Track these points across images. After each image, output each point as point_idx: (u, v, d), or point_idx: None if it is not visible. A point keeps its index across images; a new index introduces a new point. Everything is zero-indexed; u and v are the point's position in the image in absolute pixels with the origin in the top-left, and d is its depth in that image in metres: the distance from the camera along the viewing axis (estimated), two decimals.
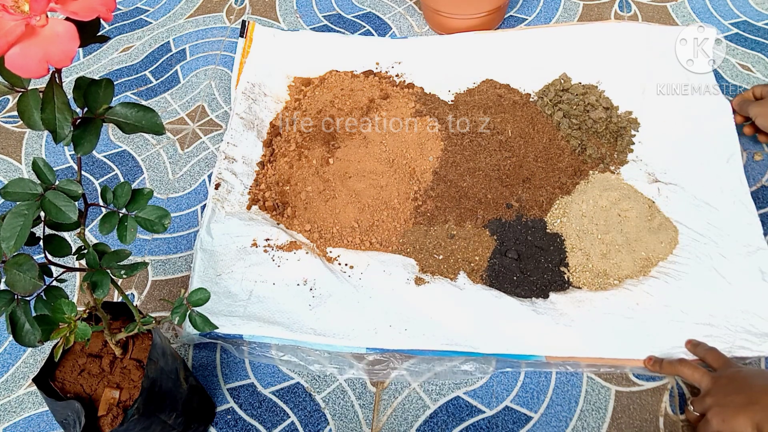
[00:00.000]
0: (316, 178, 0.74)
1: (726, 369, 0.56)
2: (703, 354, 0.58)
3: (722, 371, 0.56)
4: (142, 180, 0.82)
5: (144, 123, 0.37)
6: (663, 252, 0.67)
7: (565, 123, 0.77)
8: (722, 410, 0.52)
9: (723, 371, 0.55)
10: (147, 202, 0.42)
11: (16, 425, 0.62)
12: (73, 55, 0.30)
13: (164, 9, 1.04)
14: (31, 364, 0.67)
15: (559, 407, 0.60)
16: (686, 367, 0.57)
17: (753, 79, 0.85)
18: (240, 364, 0.65)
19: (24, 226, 0.34)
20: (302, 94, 0.85)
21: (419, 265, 0.68)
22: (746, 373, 0.54)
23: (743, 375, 0.54)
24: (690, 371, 0.57)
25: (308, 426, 0.61)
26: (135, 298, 0.71)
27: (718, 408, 0.52)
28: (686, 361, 0.58)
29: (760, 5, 0.95)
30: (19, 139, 0.88)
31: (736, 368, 0.56)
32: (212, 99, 0.90)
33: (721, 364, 0.56)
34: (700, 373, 0.56)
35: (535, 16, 0.98)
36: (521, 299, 0.64)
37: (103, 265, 0.42)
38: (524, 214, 0.71)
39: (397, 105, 0.80)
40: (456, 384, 0.62)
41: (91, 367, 0.50)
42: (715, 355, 0.57)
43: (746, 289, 0.63)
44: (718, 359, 0.57)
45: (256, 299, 0.65)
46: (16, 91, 0.33)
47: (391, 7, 1.01)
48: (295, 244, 0.68)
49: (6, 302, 0.38)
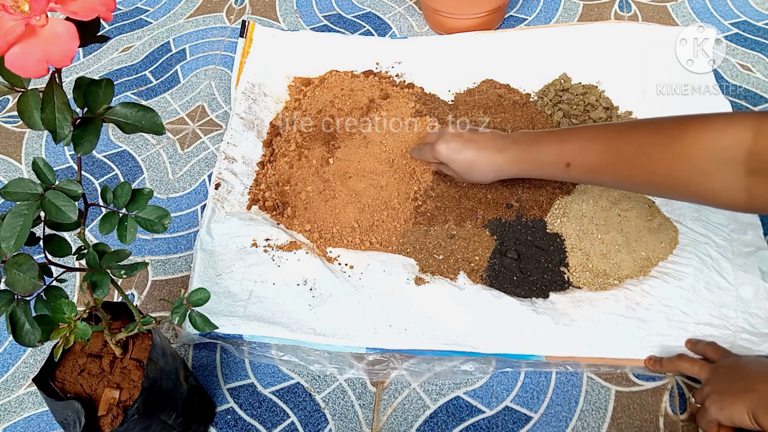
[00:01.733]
0: (316, 178, 0.74)
1: (725, 359, 0.56)
2: (703, 349, 0.58)
3: (721, 361, 0.56)
4: (142, 180, 0.82)
5: (144, 123, 0.37)
6: (663, 252, 0.67)
7: (565, 123, 0.77)
8: (719, 398, 0.52)
9: (722, 361, 0.56)
10: (147, 202, 0.42)
11: (16, 425, 0.62)
12: (73, 55, 0.30)
13: (164, 9, 1.04)
14: (31, 364, 0.67)
15: (559, 407, 0.60)
16: (685, 361, 0.57)
17: (753, 79, 0.85)
18: (240, 364, 0.65)
19: (24, 226, 0.34)
20: (302, 94, 0.85)
21: (419, 265, 0.68)
22: (744, 361, 0.55)
23: (741, 363, 0.54)
24: (689, 364, 0.57)
25: (308, 426, 0.61)
26: (135, 298, 0.71)
27: (716, 396, 0.53)
28: (685, 355, 0.58)
29: (760, 5, 0.95)
30: (19, 139, 0.88)
31: (735, 357, 0.56)
32: (212, 99, 0.90)
33: (720, 355, 0.57)
34: (699, 365, 0.56)
35: (535, 16, 0.98)
36: (521, 299, 0.64)
37: (103, 265, 0.42)
38: (524, 214, 0.71)
39: (397, 105, 0.80)
40: (456, 384, 0.62)
41: (91, 367, 0.50)
42: (714, 347, 0.58)
43: (746, 289, 0.63)
44: (716, 351, 0.57)
45: (256, 299, 0.65)
46: (16, 91, 0.33)
47: (391, 7, 1.01)
48: (295, 244, 0.68)
49: (6, 302, 0.38)
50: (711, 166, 0.47)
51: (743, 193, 0.46)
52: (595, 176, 0.57)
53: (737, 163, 0.45)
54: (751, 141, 0.44)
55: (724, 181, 0.47)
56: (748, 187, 0.46)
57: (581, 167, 0.57)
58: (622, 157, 0.53)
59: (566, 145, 0.58)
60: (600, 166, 0.55)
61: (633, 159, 0.52)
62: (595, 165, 0.56)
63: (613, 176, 0.56)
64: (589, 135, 0.57)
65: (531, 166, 0.61)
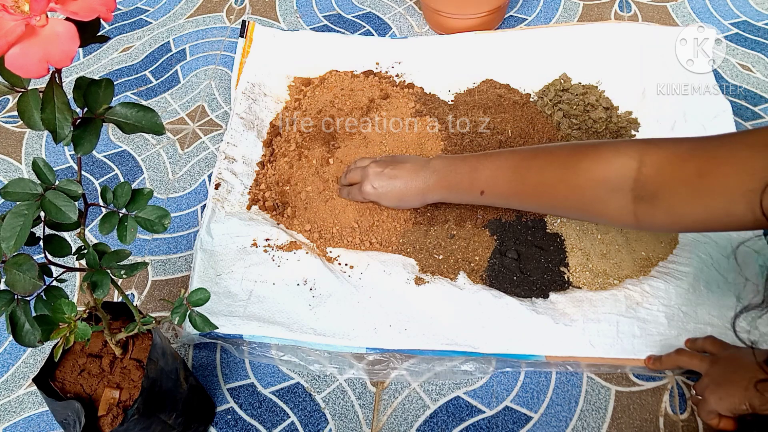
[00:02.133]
0: (316, 178, 0.74)
1: (723, 351, 0.56)
2: (702, 345, 0.59)
3: (720, 353, 0.56)
4: (142, 180, 0.82)
5: (144, 123, 0.37)
6: (663, 252, 0.67)
7: (565, 123, 0.77)
8: (718, 389, 0.53)
9: (721, 353, 0.56)
10: (147, 202, 0.42)
11: (16, 425, 0.62)
12: (73, 55, 0.30)
13: (164, 9, 1.04)
14: (31, 364, 0.67)
15: (559, 407, 0.60)
16: (685, 356, 0.58)
17: (753, 79, 0.85)
18: (240, 364, 0.65)
19: (24, 226, 0.34)
20: (302, 94, 0.85)
21: (419, 265, 0.68)
22: (743, 352, 0.55)
23: (740, 354, 0.55)
24: (688, 358, 0.57)
25: (308, 426, 0.61)
26: (135, 298, 0.71)
27: (715, 387, 0.53)
28: (684, 350, 0.59)
29: (760, 5, 0.95)
30: (19, 139, 0.88)
31: (734, 349, 0.56)
32: (212, 99, 0.90)
33: (719, 347, 0.57)
34: (699, 358, 0.57)
35: (535, 16, 0.98)
36: (521, 299, 0.64)
37: (103, 265, 0.42)
38: (524, 214, 0.71)
39: (397, 105, 0.80)
40: (456, 384, 0.62)
41: (91, 367, 0.50)
42: (712, 340, 0.58)
43: (746, 289, 0.63)
44: (714, 344, 0.58)
45: (256, 299, 0.65)
46: (16, 91, 0.33)
47: (391, 7, 1.01)
48: (295, 244, 0.68)
49: (6, 302, 0.38)
50: (603, 194, 0.51)
51: (632, 217, 0.50)
52: (507, 202, 0.62)
53: (625, 191, 0.50)
54: (635, 171, 0.49)
55: (616, 207, 0.51)
56: (635, 211, 0.49)
57: (493, 195, 0.61)
58: (527, 187, 0.58)
59: (478, 174, 0.61)
60: (508, 194, 0.60)
61: (535, 188, 0.57)
62: (505, 193, 0.60)
63: (520, 203, 0.61)
64: (497, 164, 0.60)
65: (450, 194, 0.65)
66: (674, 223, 0.48)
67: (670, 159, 0.47)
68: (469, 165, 0.62)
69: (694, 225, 0.47)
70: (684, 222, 0.47)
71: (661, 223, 0.48)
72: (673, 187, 0.46)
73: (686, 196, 0.45)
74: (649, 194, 0.48)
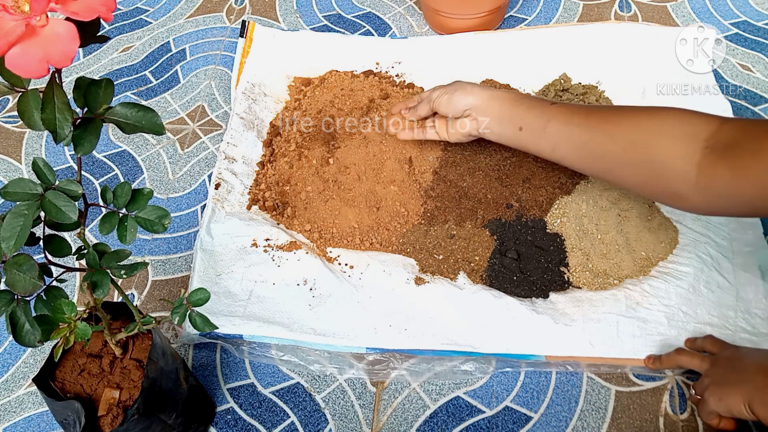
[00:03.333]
0: (316, 178, 0.74)
1: (723, 351, 0.56)
2: (701, 344, 0.59)
3: (720, 353, 0.56)
4: (142, 180, 0.82)
5: (144, 123, 0.37)
6: (663, 252, 0.67)
7: None
8: (717, 389, 0.53)
9: (721, 353, 0.56)
10: (147, 202, 0.42)
11: (16, 425, 0.62)
12: (73, 55, 0.30)
13: (164, 9, 1.04)
14: (31, 364, 0.67)
15: (559, 407, 0.60)
16: (684, 355, 0.57)
17: (753, 79, 0.85)
18: (240, 364, 0.65)
19: (24, 226, 0.34)
20: (302, 94, 0.85)
21: (419, 265, 0.68)
22: (743, 352, 0.55)
23: (739, 354, 0.55)
24: (688, 358, 0.57)
25: (308, 426, 0.61)
26: (135, 298, 0.71)
27: (714, 387, 0.53)
28: (684, 349, 0.58)
29: (760, 5, 0.95)
30: (19, 139, 0.88)
31: (733, 348, 0.56)
32: (212, 99, 0.90)
33: (719, 347, 0.57)
34: (699, 357, 0.57)
35: (535, 16, 0.98)
36: (521, 299, 0.64)
37: (103, 265, 0.42)
38: (524, 214, 0.71)
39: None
40: (456, 384, 0.62)
41: (91, 367, 0.50)
42: (712, 339, 0.58)
43: (747, 289, 0.63)
44: (714, 343, 0.58)
45: (256, 299, 0.65)
46: (16, 91, 0.33)
47: (391, 7, 1.01)
48: (295, 244, 0.68)
49: (6, 302, 0.38)
50: (678, 130, 0.53)
51: (694, 168, 0.51)
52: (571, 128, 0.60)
53: (698, 139, 0.51)
54: (716, 126, 0.51)
55: (682, 151, 0.52)
56: (700, 162, 0.50)
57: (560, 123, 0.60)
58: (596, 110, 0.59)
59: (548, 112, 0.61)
60: (580, 121, 0.59)
61: (603, 115, 0.58)
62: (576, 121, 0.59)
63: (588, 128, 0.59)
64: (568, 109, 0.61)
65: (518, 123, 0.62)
66: (734, 179, 0.48)
67: (751, 122, 0.50)
68: (539, 109, 0.61)
69: (751, 189, 0.47)
70: (742, 184, 0.48)
71: (720, 179, 0.49)
72: (746, 143, 0.48)
73: (755, 152, 0.47)
74: (722, 145, 0.49)
